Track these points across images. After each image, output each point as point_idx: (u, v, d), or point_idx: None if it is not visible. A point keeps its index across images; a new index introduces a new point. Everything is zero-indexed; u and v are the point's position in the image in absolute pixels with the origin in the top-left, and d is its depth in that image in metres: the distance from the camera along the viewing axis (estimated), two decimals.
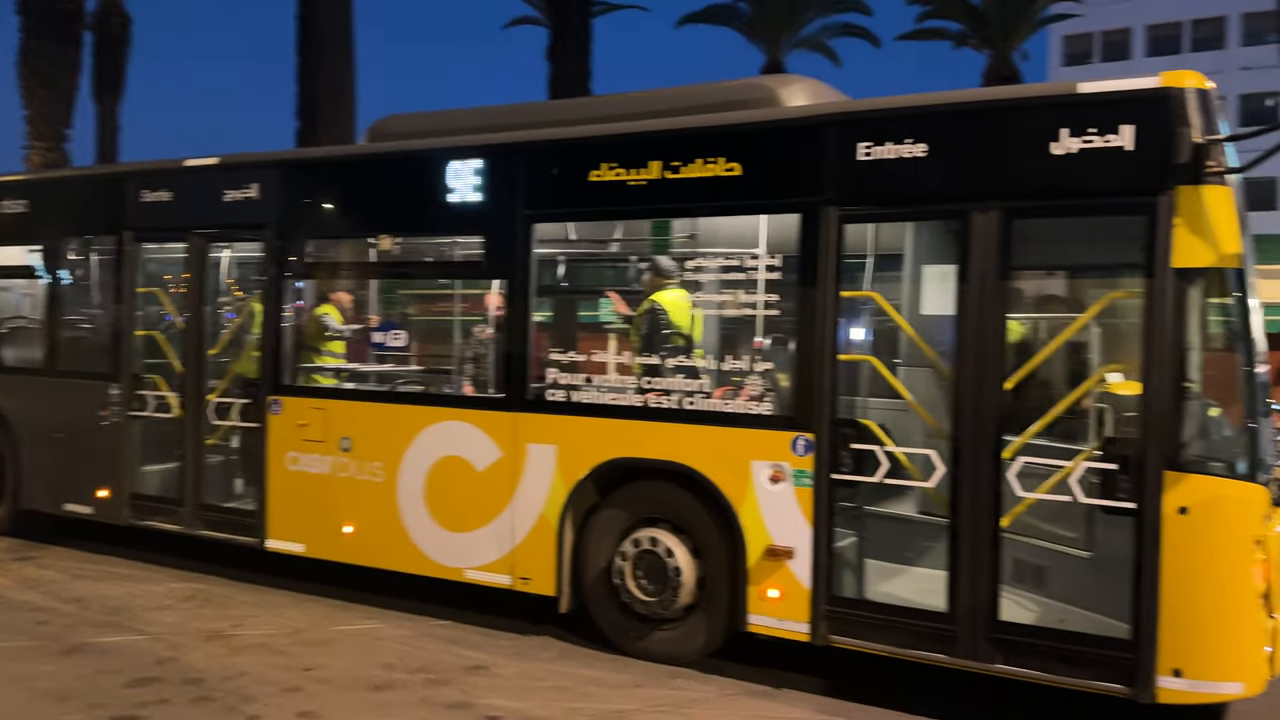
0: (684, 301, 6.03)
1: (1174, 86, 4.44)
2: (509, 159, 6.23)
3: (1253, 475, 4.44)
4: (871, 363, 5.70)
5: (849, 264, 5.41)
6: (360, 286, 7.79)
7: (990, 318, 4.86)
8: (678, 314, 6.04)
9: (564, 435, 5.92)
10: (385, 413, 6.67)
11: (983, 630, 4.83)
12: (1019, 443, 4.84)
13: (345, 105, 16.69)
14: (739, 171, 5.51)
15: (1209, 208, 4.38)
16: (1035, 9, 29.23)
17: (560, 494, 5.90)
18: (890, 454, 5.15)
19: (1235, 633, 4.44)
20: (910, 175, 5.04)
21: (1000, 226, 4.83)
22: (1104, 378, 5.02)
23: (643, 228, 6.56)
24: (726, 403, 5.55)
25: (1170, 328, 4.41)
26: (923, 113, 5.09)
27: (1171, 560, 4.39)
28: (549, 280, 6.73)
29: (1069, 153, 4.63)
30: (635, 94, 6.43)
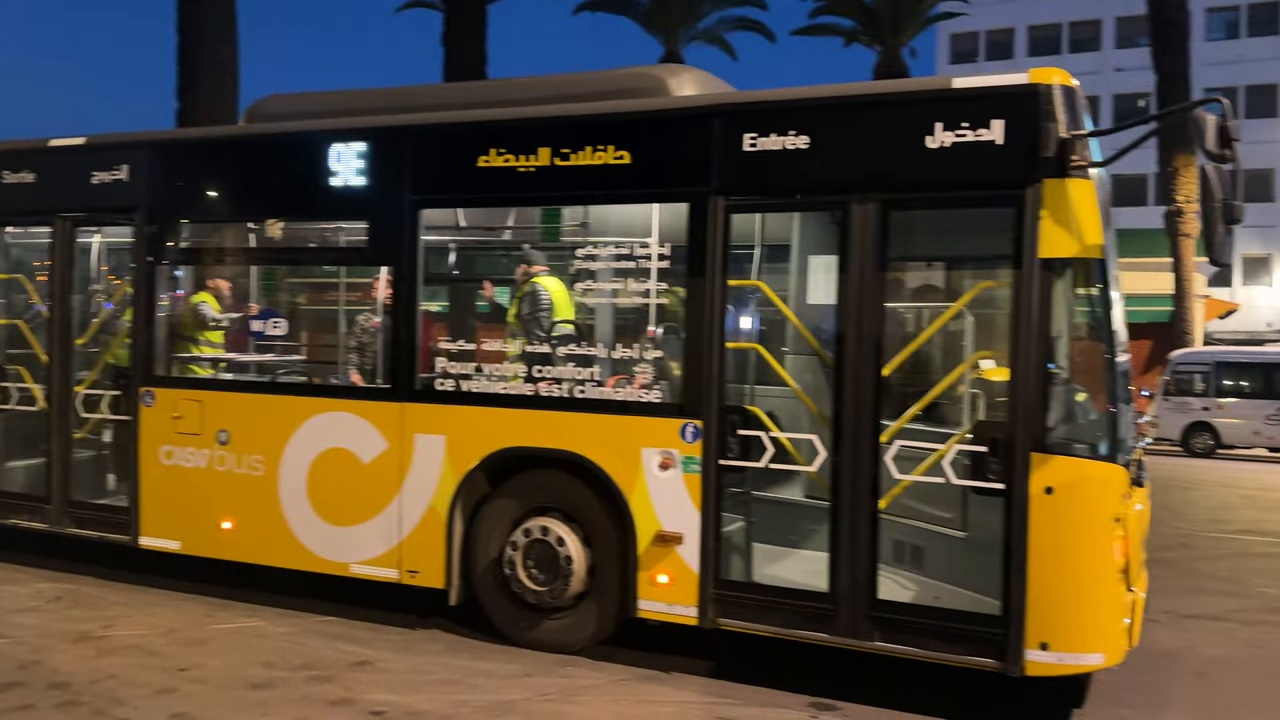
0: (563, 287, 6.05)
1: (1041, 83, 4.62)
2: (396, 143, 6.09)
3: (1113, 456, 4.67)
4: (758, 350, 5.79)
5: (738, 254, 5.48)
6: (240, 274, 7.51)
7: (869, 307, 4.99)
8: (559, 298, 6.05)
9: (453, 425, 5.84)
10: (266, 404, 6.47)
11: (862, 609, 4.97)
12: (895, 427, 4.99)
13: (228, 85, 16.10)
14: (628, 160, 5.51)
15: (1073, 200, 4.58)
16: (923, 8, 30.13)
17: (450, 485, 5.82)
18: (775, 440, 5.24)
19: (1097, 606, 4.67)
20: (794, 166, 5.12)
21: (878, 218, 4.96)
22: (976, 364, 5.21)
23: (533, 215, 6.51)
24: (617, 391, 5.56)
25: (1037, 316, 4.59)
26: (805, 105, 5.18)
27: (1038, 538, 4.59)
28: (437, 267, 6.61)
29: (943, 146, 4.78)
30: (524, 79, 6.37)
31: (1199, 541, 10.04)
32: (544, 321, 6.13)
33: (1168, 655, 6.03)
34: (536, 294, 6.07)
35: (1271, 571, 8.67)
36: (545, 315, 6.13)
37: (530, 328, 6.03)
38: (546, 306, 6.11)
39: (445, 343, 6.02)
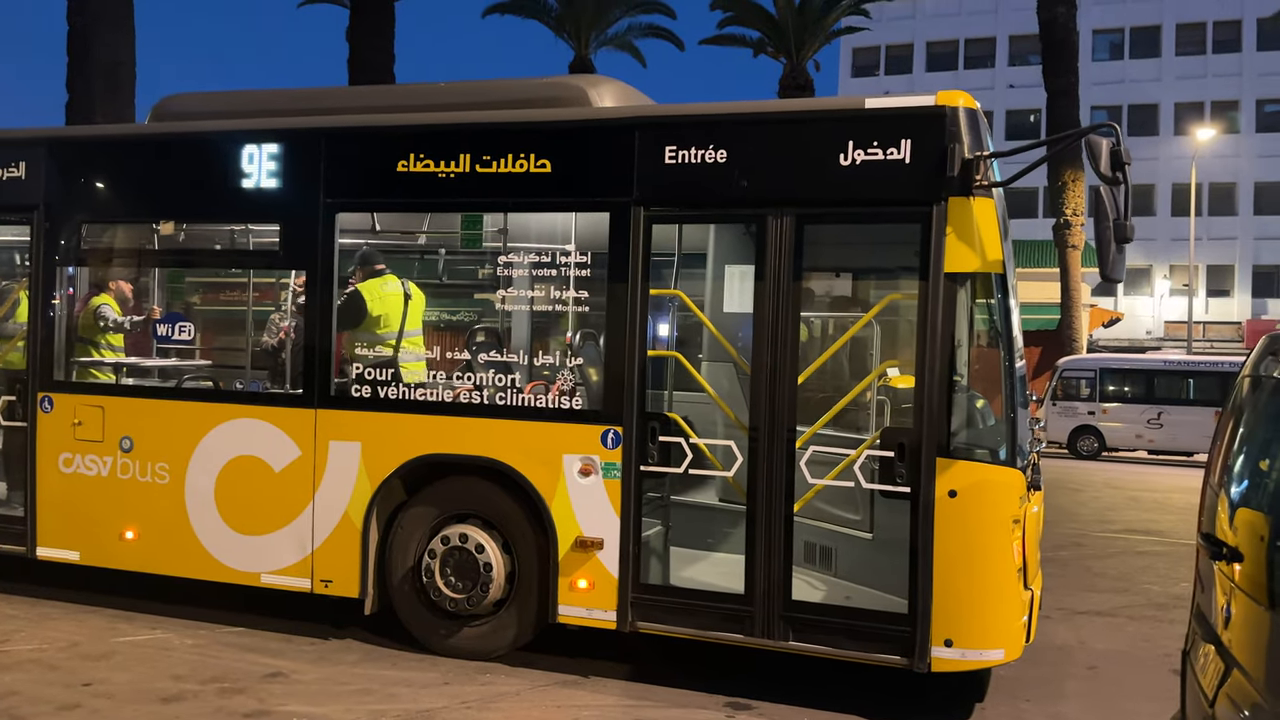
0: (387, 290, 6.16)
1: (947, 105, 4.85)
2: (312, 145, 6.01)
3: (1012, 461, 4.91)
4: (677, 358, 5.90)
5: (656, 262, 5.57)
6: (145, 275, 7.28)
7: (784, 316, 5.15)
8: (375, 302, 6.16)
9: (369, 432, 5.78)
10: (172, 410, 6.29)
11: (777, 610, 5.12)
12: (810, 433, 5.16)
13: (124, 78, 15.50)
14: (549, 169, 5.56)
15: (976, 218, 4.81)
16: (827, 22, 30.88)
17: (365, 492, 5.76)
18: (694, 445, 5.35)
19: (998, 605, 4.91)
20: (713, 179, 5.25)
21: (793, 231, 5.12)
22: (885, 372, 5.42)
23: (452, 220, 6.49)
24: (537, 397, 5.59)
25: (941, 327, 4.81)
26: (725, 120, 5.31)
27: (942, 540, 4.80)
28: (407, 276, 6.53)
29: (855, 163, 4.97)
30: (444, 84, 6.35)
31: (1089, 541, 10.57)
32: (351, 321, 6.13)
33: (1062, 649, 6.36)
34: (352, 294, 6.12)
35: (1155, 569, 9.19)
36: (356, 315, 6.13)
37: (340, 326, 6.04)
38: (358, 307, 6.12)
39: (361, 348, 5.95)
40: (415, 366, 6.13)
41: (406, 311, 6.24)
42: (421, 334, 6.34)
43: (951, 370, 4.84)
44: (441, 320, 6.87)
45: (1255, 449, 3.35)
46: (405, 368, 6.04)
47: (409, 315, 6.26)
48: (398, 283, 6.31)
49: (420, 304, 6.39)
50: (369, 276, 6.30)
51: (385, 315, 6.17)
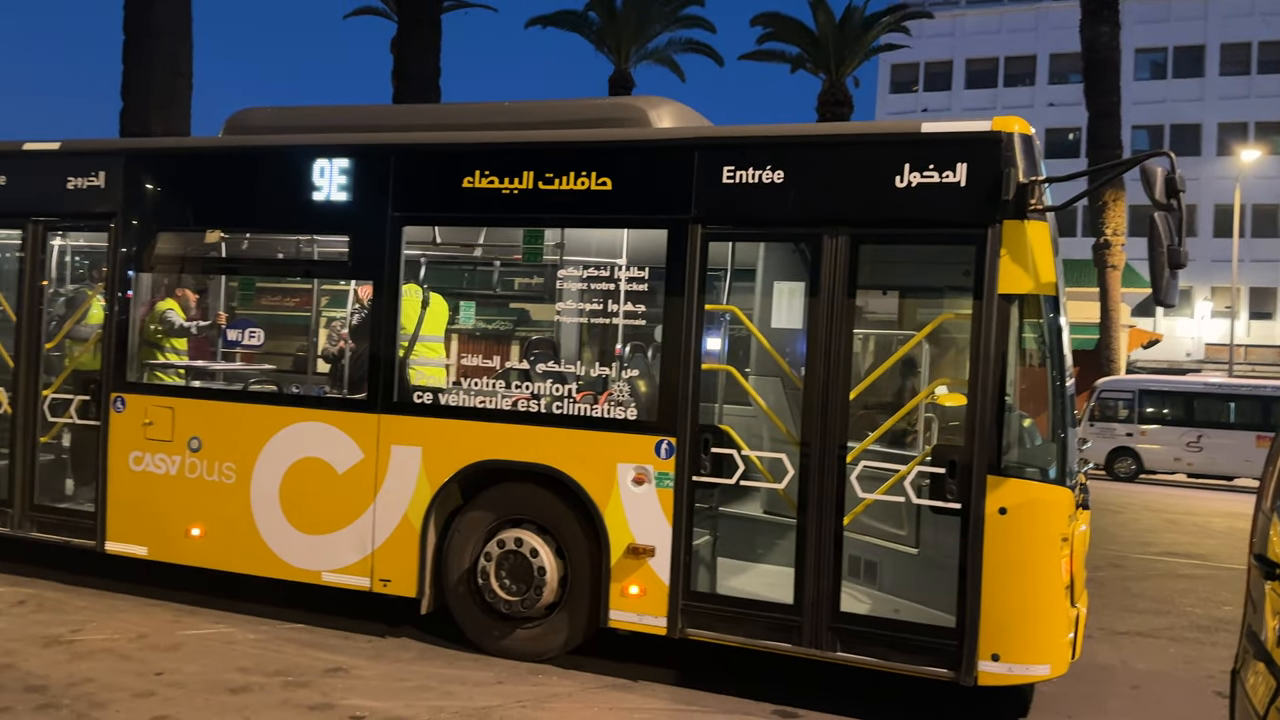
0: (406, 298, 6.34)
1: (1003, 131, 4.97)
2: (381, 160, 6.23)
3: (1062, 480, 5.01)
4: (730, 371, 6.04)
5: (716, 278, 5.70)
6: (216, 282, 7.55)
7: (837, 333, 5.28)
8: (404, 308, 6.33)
9: (429, 437, 5.97)
10: (240, 413, 6.53)
11: (825, 621, 5.23)
12: (860, 448, 5.28)
13: (181, 89, 15.90)
14: (610, 186, 5.74)
15: (1030, 241, 4.92)
16: (867, 39, 30.94)
17: (425, 496, 5.95)
18: (746, 458, 5.49)
19: (1045, 620, 4.99)
20: (769, 199, 5.40)
21: (848, 250, 5.26)
22: (936, 390, 5.52)
23: (512, 234, 6.69)
24: (593, 407, 5.75)
25: (994, 347, 4.92)
26: (782, 142, 5.46)
27: (992, 556, 4.90)
28: (418, 282, 6.73)
29: (910, 186, 5.10)
30: (508, 104, 6.55)
31: (1128, 563, 10.56)
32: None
33: (1104, 669, 6.41)
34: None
35: (1195, 592, 9.18)
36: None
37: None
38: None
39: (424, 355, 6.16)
40: (430, 371, 6.39)
41: (422, 318, 6.46)
42: (441, 340, 6.59)
43: (1003, 390, 4.95)
44: (499, 330, 7.06)
45: None
46: (416, 370, 6.29)
47: (424, 321, 6.48)
48: (417, 290, 6.54)
49: (439, 311, 6.64)
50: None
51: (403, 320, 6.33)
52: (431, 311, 6.44)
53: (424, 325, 6.35)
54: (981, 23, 49.72)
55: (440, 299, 6.55)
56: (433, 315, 6.45)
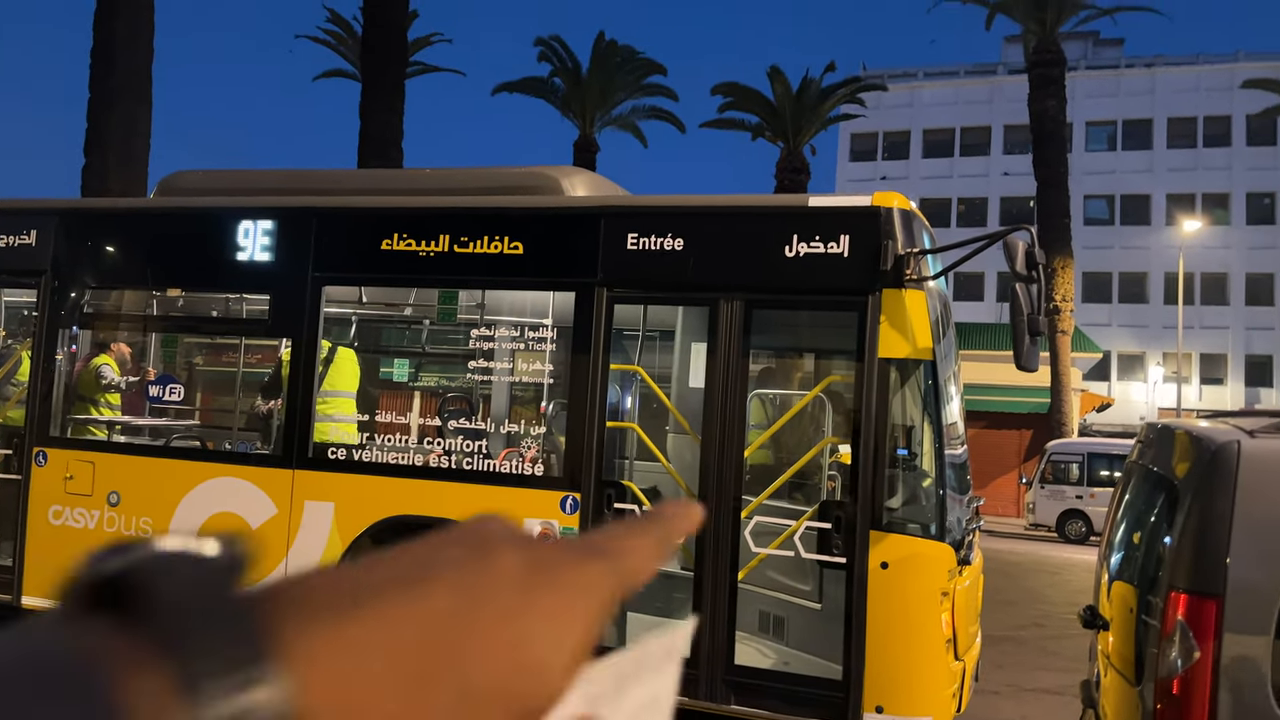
0: (331, 354, 6.49)
1: (882, 206, 5.28)
2: (303, 223, 6.45)
3: (941, 535, 5.22)
4: (634, 429, 6.24)
5: (627, 339, 5.91)
6: (141, 339, 7.68)
7: (733, 392, 5.51)
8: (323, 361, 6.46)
9: (342, 493, 6.10)
10: (158, 467, 6.62)
11: (720, 673, 5.37)
12: (755, 504, 5.47)
13: (139, 148, 16.16)
14: (522, 250, 5.98)
15: (908, 308, 5.20)
16: (825, 108, 31.85)
17: (336, 551, 6.06)
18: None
19: (927, 673, 5.16)
20: (670, 264, 5.66)
21: (743, 314, 5.52)
22: (826, 448, 5.75)
23: (432, 294, 6.90)
24: (502, 463, 5.92)
25: (875, 407, 5.17)
26: (682, 212, 5.75)
27: (875, 609, 5.09)
28: (335, 339, 6.91)
29: (799, 255, 5.39)
30: (429, 170, 6.83)
31: (1052, 622, 10.74)
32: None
33: None
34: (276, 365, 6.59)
35: None
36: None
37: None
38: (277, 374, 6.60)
39: (336, 411, 6.31)
40: (345, 427, 6.40)
41: (337, 374, 6.55)
42: (350, 396, 6.61)
43: (884, 448, 5.18)
44: (416, 387, 7.23)
45: (1129, 527, 3.67)
46: (331, 426, 6.37)
47: (341, 378, 6.56)
48: (335, 348, 6.63)
49: (346, 366, 6.66)
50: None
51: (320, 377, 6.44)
52: (348, 369, 6.59)
53: (340, 382, 6.51)
54: (938, 95, 51.25)
55: (356, 356, 6.71)
56: (349, 372, 6.59)
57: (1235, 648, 2.54)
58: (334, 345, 6.67)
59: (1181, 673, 2.62)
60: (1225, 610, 2.56)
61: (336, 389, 6.52)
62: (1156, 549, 3.14)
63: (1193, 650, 2.60)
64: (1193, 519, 2.77)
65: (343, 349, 6.69)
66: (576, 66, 32.72)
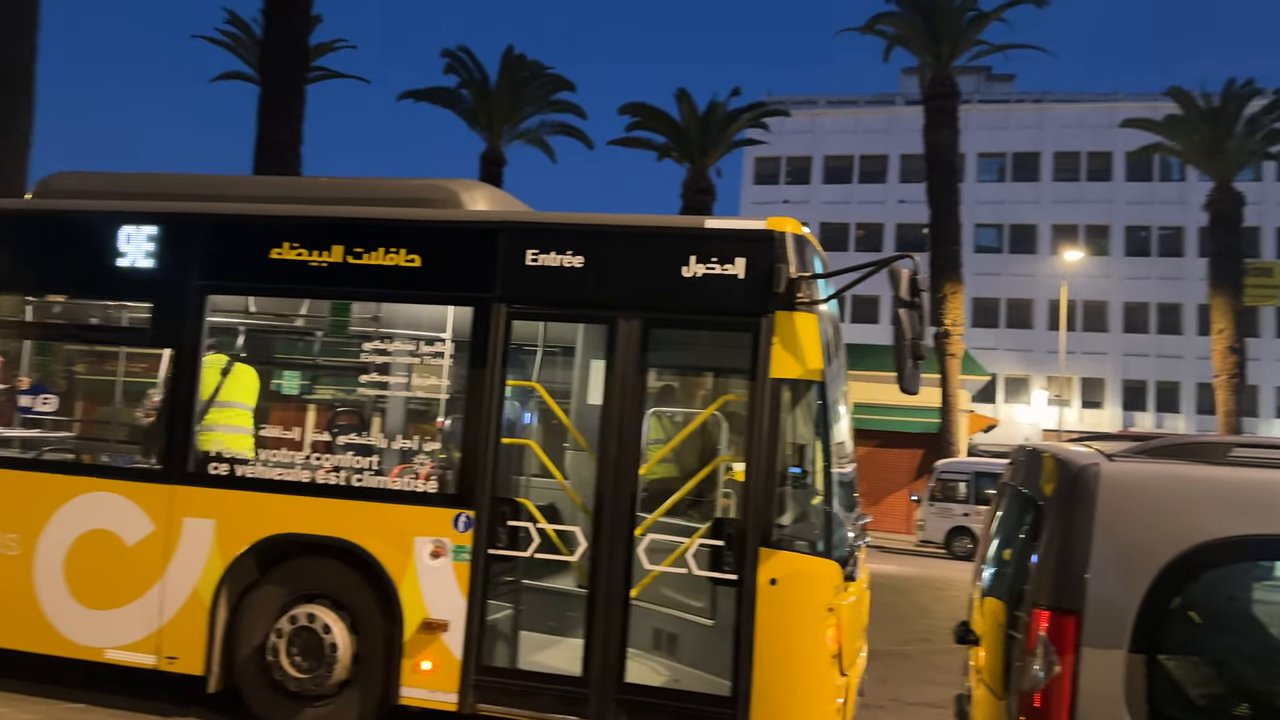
0: (214, 365, 6.28)
1: (776, 230, 5.39)
2: (188, 229, 6.24)
3: (828, 552, 5.32)
4: (530, 446, 6.21)
5: (526, 355, 5.87)
6: (14, 347, 7.29)
7: (629, 411, 5.54)
8: (205, 376, 6.22)
9: (224, 509, 5.90)
10: (27, 482, 6.29)
11: (611, 692, 5.36)
12: (649, 521, 5.50)
13: (19, 146, 15.40)
14: (419, 264, 5.91)
15: (799, 330, 5.32)
16: (729, 132, 32.43)
17: (216, 570, 5.84)
18: (542, 530, 5.63)
19: (813, 689, 5.25)
20: (569, 282, 5.67)
21: (640, 333, 5.56)
22: (721, 466, 5.83)
23: (324, 306, 6.75)
24: (392, 480, 5.81)
25: (767, 426, 5.26)
26: (581, 230, 5.77)
27: (764, 625, 5.16)
28: (220, 351, 6.68)
29: (696, 275, 5.46)
30: (325, 179, 6.68)
31: (937, 637, 11.06)
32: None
33: None
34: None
35: None
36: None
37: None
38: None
39: (221, 426, 6.10)
40: (229, 441, 6.17)
41: (223, 386, 6.28)
42: (244, 410, 6.36)
43: (774, 466, 5.27)
44: (306, 400, 7.04)
45: (1001, 545, 3.82)
46: (214, 440, 6.14)
47: (226, 391, 6.30)
48: (222, 359, 6.38)
49: (244, 381, 6.41)
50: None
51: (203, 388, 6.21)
52: (235, 381, 6.36)
53: (226, 394, 6.29)
54: (838, 123, 52.72)
55: (247, 369, 6.49)
56: (236, 385, 6.37)
57: (1093, 661, 2.67)
58: (232, 359, 6.44)
59: (1043, 686, 2.74)
60: (1084, 625, 2.69)
61: (232, 401, 6.29)
62: (1024, 566, 3.27)
63: (1054, 664, 2.72)
64: (1055, 538, 2.90)
65: (240, 364, 6.46)
66: (485, 79, 32.58)
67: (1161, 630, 2.69)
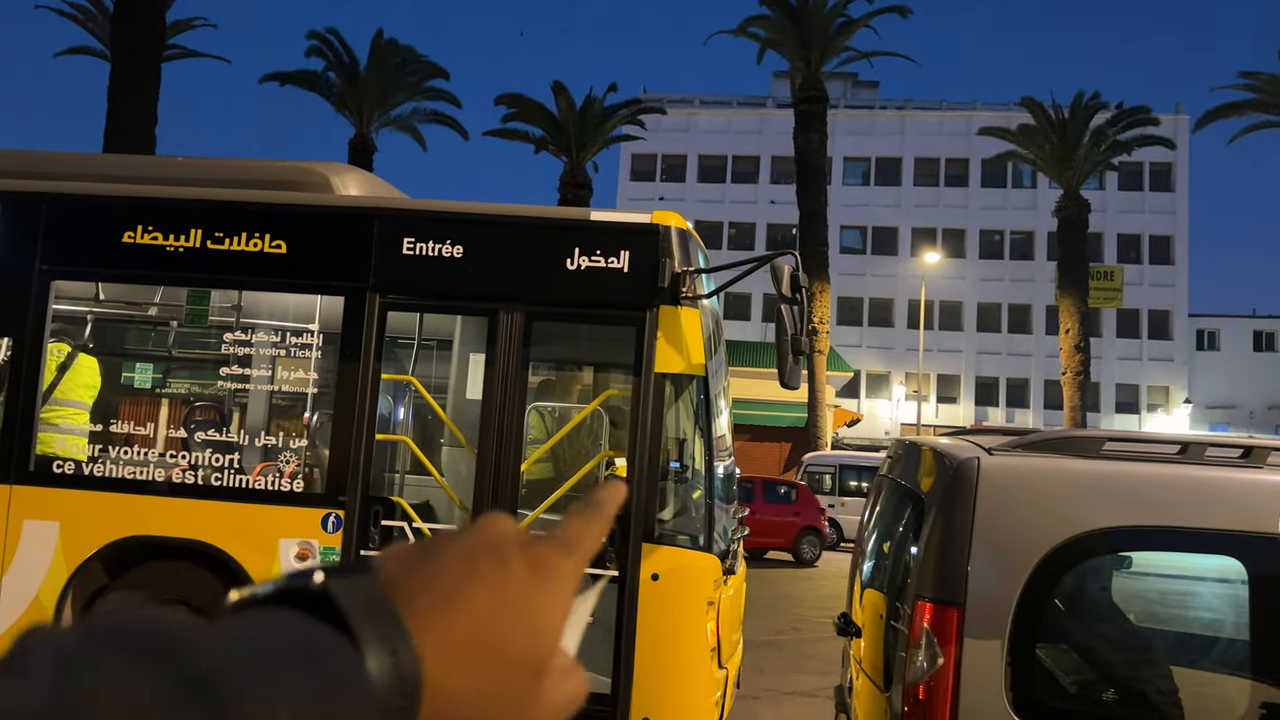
0: (54, 357, 5.82)
1: (660, 224, 5.36)
2: (29, 208, 5.76)
3: (709, 546, 5.34)
4: (405, 442, 6.00)
5: (401, 348, 5.65)
6: None
7: (510, 405, 5.41)
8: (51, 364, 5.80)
9: (68, 511, 5.48)
10: None
11: None
12: (530, 518, 5.39)
13: None
14: (285, 250, 5.61)
15: (683, 324, 5.30)
16: (606, 128, 32.39)
17: (60, 575, 5.42)
18: (418, 530, 5.44)
19: (693, 682, 5.26)
20: (448, 272, 5.49)
21: (523, 325, 5.44)
22: (603, 461, 5.76)
23: (181, 293, 6.35)
24: (255, 479, 5.51)
25: (650, 420, 5.23)
26: (462, 219, 5.60)
27: (645, 620, 5.13)
28: (66, 341, 6.22)
29: (580, 268, 5.37)
30: (184, 159, 6.29)
31: (808, 626, 11.34)
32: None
33: None
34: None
35: None
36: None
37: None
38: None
39: (65, 421, 5.67)
40: (74, 439, 5.75)
41: (66, 379, 5.81)
42: (85, 408, 5.87)
43: (657, 461, 5.25)
44: (160, 394, 6.62)
45: (879, 538, 3.88)
46: (57, 438, 5.72)
47: (69, 384, 5.82)
48: (64, 349, 5.89)
49: (89, 373, 5.93)
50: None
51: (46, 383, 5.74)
52: (78, 373, 5.90)
53: (69, 389, 5.83)
54: (711, 123, 53.46)
55: (91, 360, 6.02)
56: (80, 377, 5.90)
57: (975, 653, 2.72)
58: (74, 349, 5.97)
59: (926, 678, 2.78)
60: (966, 617, 2.74)
61: (69, 399, 5.81)
62: (904, 559, 3.33)
63: (937, 656, 2.77)
64: (936, 531, 2.95)
65: (83, 355, 5.99)
66: (354, 63, 31.56)
67: (1038, 620, 2.77)
